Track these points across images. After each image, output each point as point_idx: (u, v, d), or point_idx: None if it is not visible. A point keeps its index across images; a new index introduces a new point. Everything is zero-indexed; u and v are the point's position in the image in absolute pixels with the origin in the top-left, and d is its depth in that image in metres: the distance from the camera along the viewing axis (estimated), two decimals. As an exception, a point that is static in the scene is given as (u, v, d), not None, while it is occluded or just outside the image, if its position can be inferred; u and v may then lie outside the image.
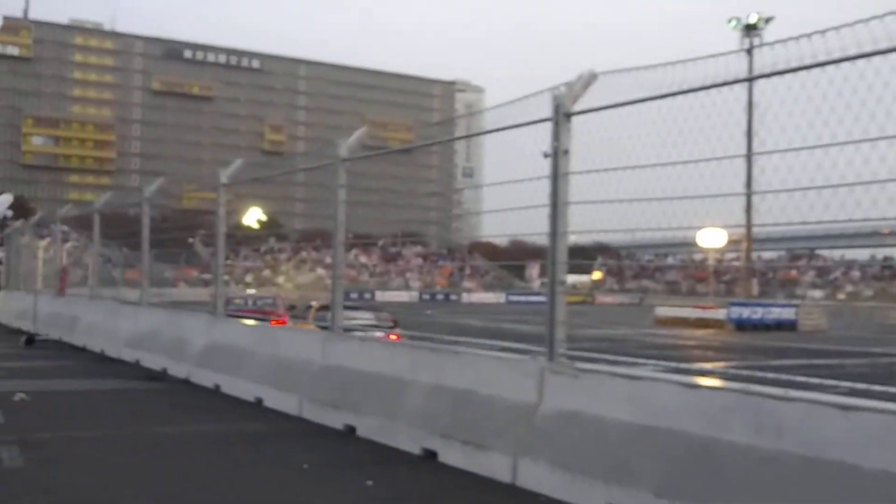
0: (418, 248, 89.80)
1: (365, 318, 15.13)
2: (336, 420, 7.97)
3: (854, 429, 4.16)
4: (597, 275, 68.41)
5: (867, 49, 4.57)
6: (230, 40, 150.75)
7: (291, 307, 20.05)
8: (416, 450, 6.83)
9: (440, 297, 70.42)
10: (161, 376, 11.99)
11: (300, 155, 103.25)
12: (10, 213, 26.65)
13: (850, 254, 75.58)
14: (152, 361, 12.79)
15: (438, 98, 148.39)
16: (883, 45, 4.48)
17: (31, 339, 17.14)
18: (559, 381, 5.92)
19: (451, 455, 6.48)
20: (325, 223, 10.35)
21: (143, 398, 10.33)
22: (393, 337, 11.88)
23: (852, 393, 4.91)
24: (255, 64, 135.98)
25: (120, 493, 5.68)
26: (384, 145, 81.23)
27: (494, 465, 6.03)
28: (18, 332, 19.13)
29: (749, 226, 10.95)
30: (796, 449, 4.35)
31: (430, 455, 6.68)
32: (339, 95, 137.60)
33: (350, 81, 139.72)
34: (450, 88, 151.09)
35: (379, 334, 11.75)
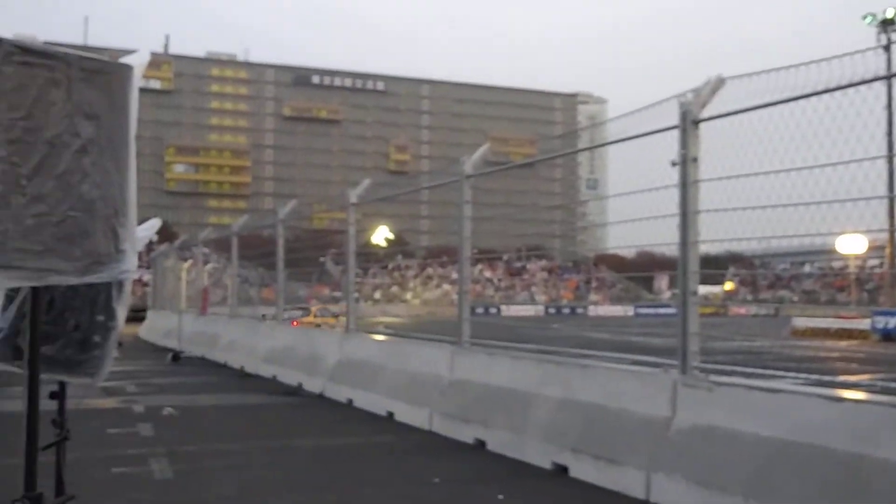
0: (543, 262, 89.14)
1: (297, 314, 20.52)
2: (466, 434, 8.03)
3: None
4: (729, 285, 66.05)
5: None
6: (355, 64, 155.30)
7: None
8: (546, 464, 6.80)
9: (566, 310, 69.55)
10: (297, 391, 12.40)
11: (425, 173, 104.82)
12: (155, 237, 28.23)
13: None
14: (288, 377, 13.24)
15: (560, 111, 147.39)
16: None
17: (176, 357, 18.07)
18: (693, 395, 5.78)
19: (582, 470, 6.41)
20: (450, 239, 10.49)
21: (281, 412, 10.72)
22: (294, 322, 16.07)
23: None
24: (380, 86, 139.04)
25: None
26: (507, 160, 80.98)
27: (627, 480, 5.94)
28: (165, 349, 20.22)
29: (893, 230, 10.35)
30: (954, 466, 4.09)
31: (561, 470, 6.63)
32: (462, 113, 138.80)
33: (472, 98, 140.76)
34: (572, 101, 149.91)
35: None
